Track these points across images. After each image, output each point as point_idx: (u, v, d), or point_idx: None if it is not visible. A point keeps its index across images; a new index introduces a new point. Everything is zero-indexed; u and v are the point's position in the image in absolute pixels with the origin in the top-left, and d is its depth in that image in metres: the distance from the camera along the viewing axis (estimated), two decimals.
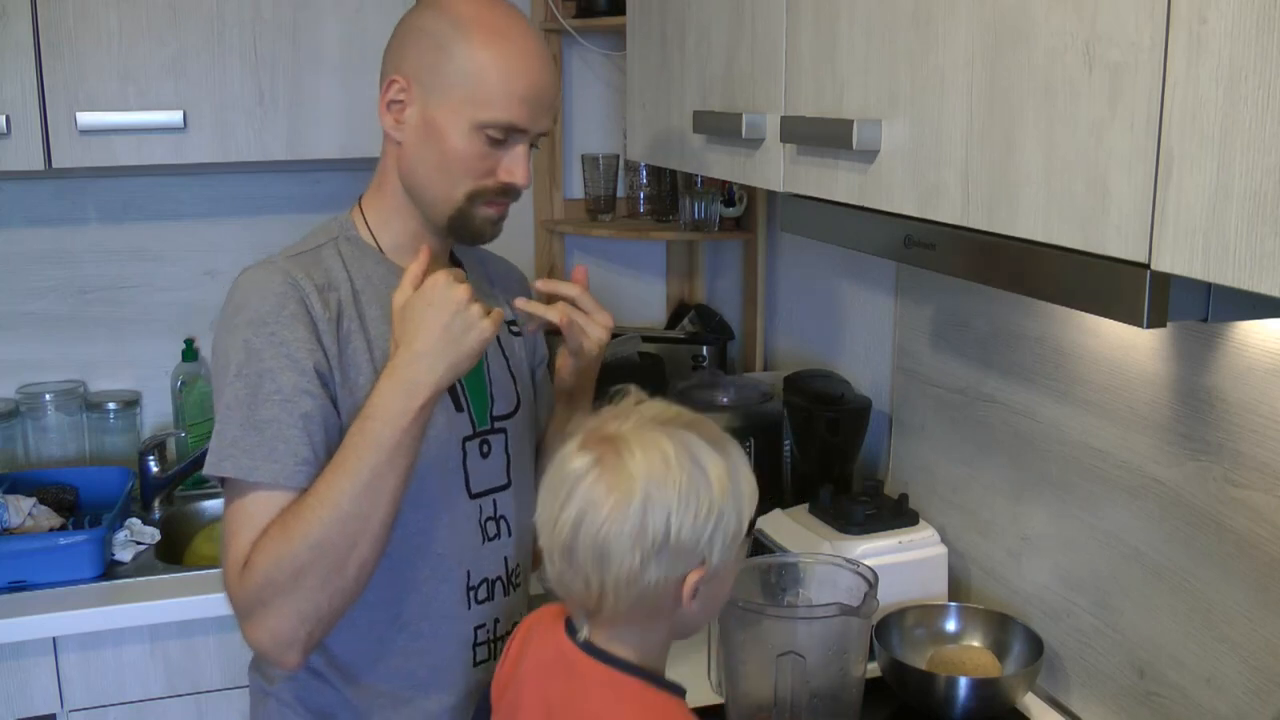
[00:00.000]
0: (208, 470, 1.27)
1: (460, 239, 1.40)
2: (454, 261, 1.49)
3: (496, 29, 1.32)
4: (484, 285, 1.52)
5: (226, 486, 1.27)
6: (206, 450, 1.26)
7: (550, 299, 1.41)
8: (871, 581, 1.39)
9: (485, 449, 1.41)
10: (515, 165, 1.34)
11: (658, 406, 1.11)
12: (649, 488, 1.02)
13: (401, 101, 1.33)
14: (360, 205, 1.42)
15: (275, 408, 1.25)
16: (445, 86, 1.31)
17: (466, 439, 1.39)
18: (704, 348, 2.42)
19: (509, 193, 1.37)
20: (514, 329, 1.52)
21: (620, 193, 2.54)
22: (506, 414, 1.44)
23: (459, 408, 1.38)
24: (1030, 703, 1.51)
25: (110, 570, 1.94)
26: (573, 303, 1.39)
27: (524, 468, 1.48)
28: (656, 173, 2.46)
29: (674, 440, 1.05)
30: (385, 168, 1.39)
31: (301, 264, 1.33)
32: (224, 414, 1.27)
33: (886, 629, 1.55)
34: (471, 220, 1.37)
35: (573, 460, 1.06)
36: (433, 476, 1.34)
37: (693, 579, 1.05)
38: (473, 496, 1.39)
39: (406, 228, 1.39)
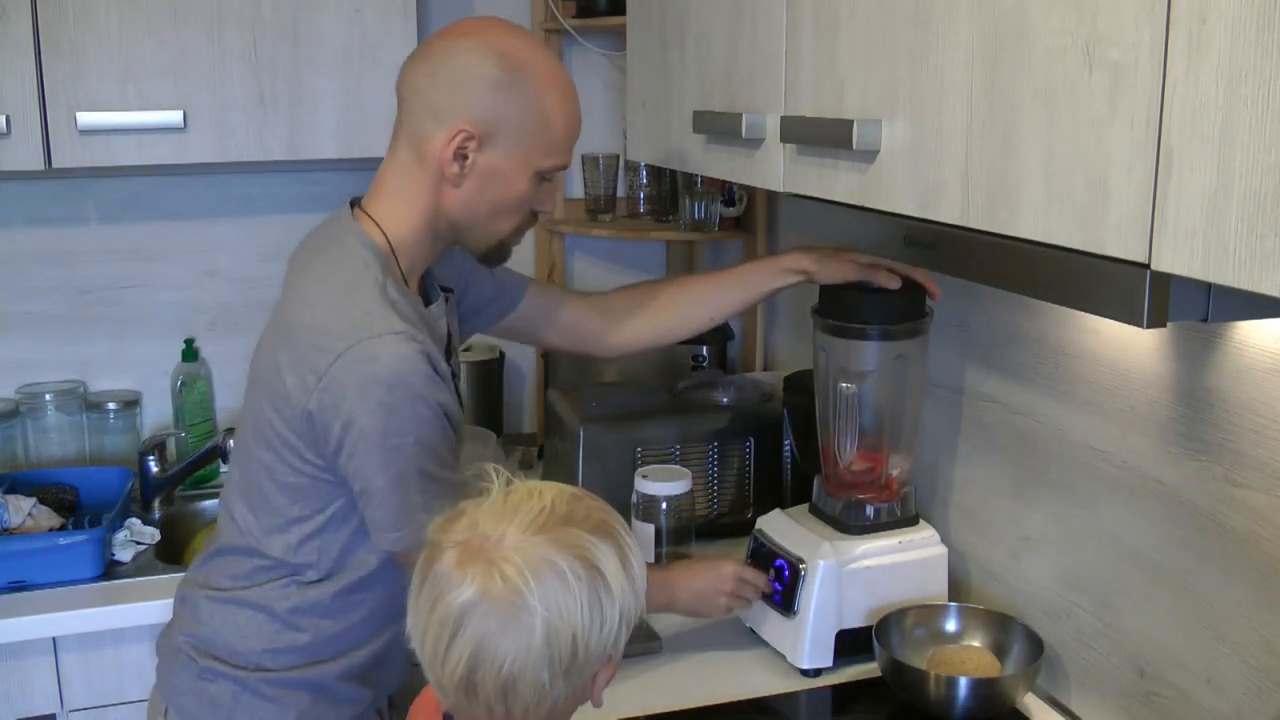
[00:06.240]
0: (410, 545, 1.28)
1: (488, 263, 1.49)
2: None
3: (554, 74, 1.37)
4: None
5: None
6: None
7: None
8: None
9: None
10: (553, 197, 1.44)
11: (530, 502, 1.00)
12: (550, 618, 0.95)
13: (466, 149, 1.34)
14: (384, 231, 1.38)
15: (446, 467, 1.33)
16: (516, 135, 1.35)
17: None
18: (704, 348, 2.42)
19: (536, 219, 1.46)
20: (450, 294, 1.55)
21: (620, 193, 2.53)
22: None
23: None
24: (1030, 703, 1.51)
25: (110, 570, 1.94)
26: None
27: None
28: (656, 173, 2.46)
29: (564, 550, 0.97)
30: (419, 197, 1.38)
31: (410, 323, 1.31)
32: (419, 483, 1.30)
33: (886, 629, 1.54)
34: (507, 249, 1.47)
35: (455, 587, 0.96)
36: None
37: (603, 677, 1.03)
38: None
39: (425, 250, 1.43)
